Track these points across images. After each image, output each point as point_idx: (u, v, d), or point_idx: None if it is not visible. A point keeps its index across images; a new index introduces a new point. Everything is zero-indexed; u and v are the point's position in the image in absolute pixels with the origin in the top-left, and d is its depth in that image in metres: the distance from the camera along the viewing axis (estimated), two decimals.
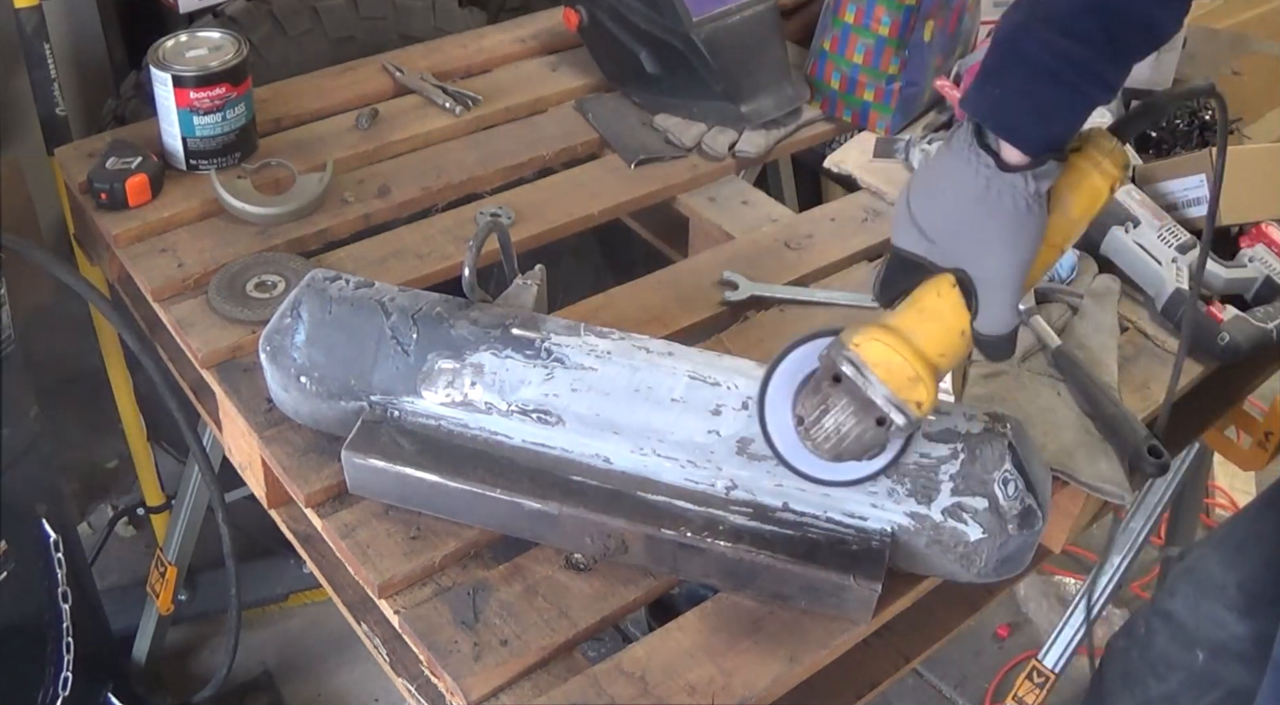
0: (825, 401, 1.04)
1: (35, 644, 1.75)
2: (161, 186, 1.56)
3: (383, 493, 1.21)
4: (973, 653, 2.38)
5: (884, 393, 1.01)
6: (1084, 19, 0.93)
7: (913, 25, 1.72)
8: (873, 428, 1.03)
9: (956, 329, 1.03)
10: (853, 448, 1.05)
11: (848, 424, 1.03)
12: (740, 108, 1.75)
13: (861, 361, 1.02)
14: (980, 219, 0.99)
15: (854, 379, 1.02)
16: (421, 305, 1.21)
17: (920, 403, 1.01)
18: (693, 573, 1.17)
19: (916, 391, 1.01)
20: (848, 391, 1.03)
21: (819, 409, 1.05)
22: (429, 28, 2.02)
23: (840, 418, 1.04)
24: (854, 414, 1.03)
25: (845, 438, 1.04)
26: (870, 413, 1.03)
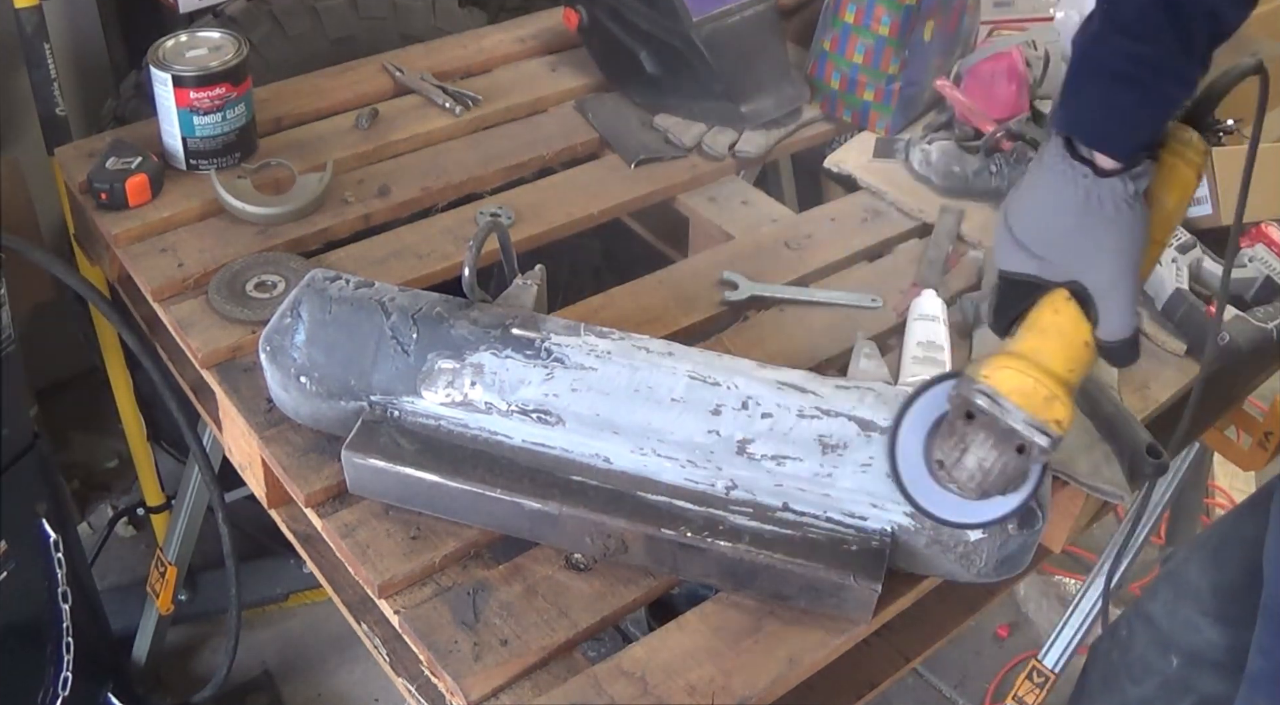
0: (963, 440, 1.03)
1: (35, 644, 1.75)
2: (161, 186, 1.56)
3: (383, 493, 1.21)
4: (973, 653, 2.38)
5: (1023, 417, 1.00)
6: (1151, 19, 0.95)
7: (913, 25, 1.72)
8: (1015, 458, 1.02)
9: (1079, 342, 1.02)
10: (998, 482, 1.03)
11: (990, 458, 1.02)
12: (740, 108, 1.75)
13: (994, 391, 1.01)
14: (1086, 228, 1.00)
15: (990, 410, 1.01)
16: (421, 305, 1.21)
17: (1059, 421, 1.00)
18: (693, 573, 1.17)
19: (1054, 410, 1.00)
20: (984, 426, 1.02)
21: (958, 449, 1.04)
22: (429, 28, 2.02)
23: (981, 454, 1.02)
24: (994, 447, 1.02)
25: (990, 473, 1.03)
26: (1010, 442, 1.01)
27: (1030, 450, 1.01)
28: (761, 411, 1.15)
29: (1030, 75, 1.75)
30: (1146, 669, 1.70)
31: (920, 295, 1.47)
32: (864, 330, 1.44)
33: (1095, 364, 1.05)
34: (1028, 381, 1.00)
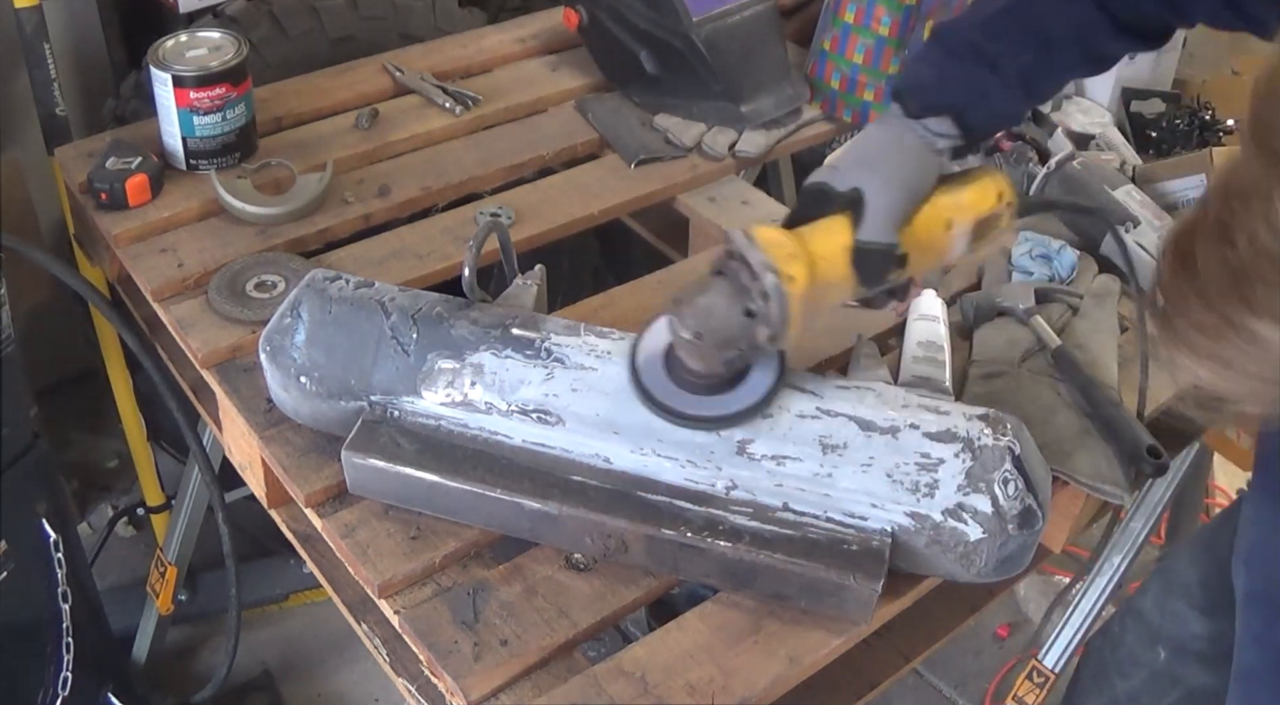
0: (704, 285, 1.08)
1: (35, 644, 1.75)
2: (161, 186, 1.56)
3: (383, 493, 1.21)
4: (973, 653, 2.38)
5: (761, 258, 1.04)
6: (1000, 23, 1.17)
7: (913, 25, 1.72)
8: (739, 317, 1.06)
9: (839, 244, 1.11)
10: (717, 330, 1.07)
11: (719, 305, 1.06)
12: (740, 108, 1.75)
13: (750, 234, 1.06)
14: (882, 150, 1.16)
15: (738, 246, 1.05)
16: (421, 305, 1.21)
17: (793, 277, 1.05)
18: (693, 573, 1.17)
19: (793, 267, 1.05)
20: (728, 277, 1.07)
21: (697, 289, 1.08)
22: (429, 28, 2.02)
23: (713, 298, 1.07)
24: (727, 296, 1.06)
25: (712, 316, 1.06)
26: (741, 300, 1.06)
27: (758, 313, 1.05)
28: (761, 411, 1.15)
29: None
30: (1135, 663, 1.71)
31: (920, 295, 1.47)
32: (864, 330, 1.44)
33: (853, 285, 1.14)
34: (780, 236, 1.08)
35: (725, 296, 1.06)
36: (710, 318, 1.06)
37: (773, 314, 1.05)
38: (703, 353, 1.09)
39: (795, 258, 1.06)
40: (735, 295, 1.06)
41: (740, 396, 1.14)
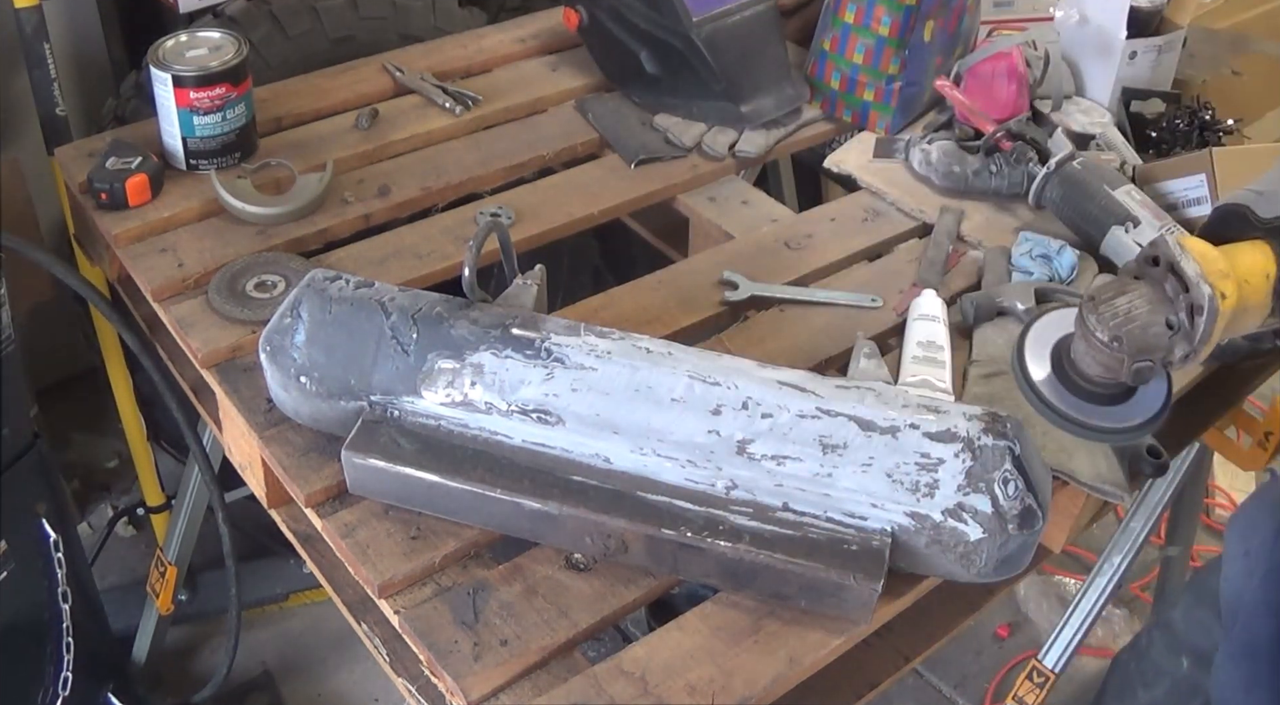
0: (1124, 286, 1.04)
1: (35, 644, 1.75)
2: (161, 186, 1.56)
3: (383, 493, 1.21)
4: (973, 653, 2.38)
5: (1197, 269, 1.00)
6: None
7: (913, 25, 1.72)
8: (1159, 325, 1.02)
9: (1262, 270, 1.06)
10: (1134, 336, 1.02)
11: (1140, 309, 1.02)
12: (740, 108, 1.75)
13: (1182, 245, 1.03)
14: None
15: (1172, 255, 1.02)
16: (421, 305, 1.21)
17: (1225, 295, 1.01)
18: (693, 573, 1.17)
19: (1224, 285, 1.01)
20: (1150, 283, 1.03)
21: (1116, 290, 1.04)
22: (429, 28, 2.02)
23: (1135, 301, 1.03)
24: (1149, 302, 1.02)
25: (1132, 321, 1.02)
26: (1163, 310, 1.02)
27: (1178, 325, 1.01)
28: (761, 411, 1.15)
29: (1030, 75, 1.75)
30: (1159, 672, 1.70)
31: (920, 295, 1.47)
32: (864, 330, 1.44)
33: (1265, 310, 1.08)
34: (1213, 252, 1.04)
35: (1148, 302, 1.02)
36: (1130, 322, 1.02)
37: (1199, 329, 1.01)
38: (1111, 359, 1.04)
39: (1227, 276, 1.02)
40: (1159, 303, 1.02)
41: (1137, 407, 1.08)
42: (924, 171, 1.70)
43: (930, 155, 1.69)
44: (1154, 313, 1.02)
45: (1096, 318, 1.03)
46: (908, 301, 1.48)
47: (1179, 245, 1.03)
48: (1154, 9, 1.80)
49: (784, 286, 1.51)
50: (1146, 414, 1.08)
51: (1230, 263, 1.04)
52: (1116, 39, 1.77)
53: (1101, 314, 1.03)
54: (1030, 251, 1.53)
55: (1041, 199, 1.60)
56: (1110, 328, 1.02)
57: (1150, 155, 1.74)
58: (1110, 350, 1.03)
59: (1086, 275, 1.53)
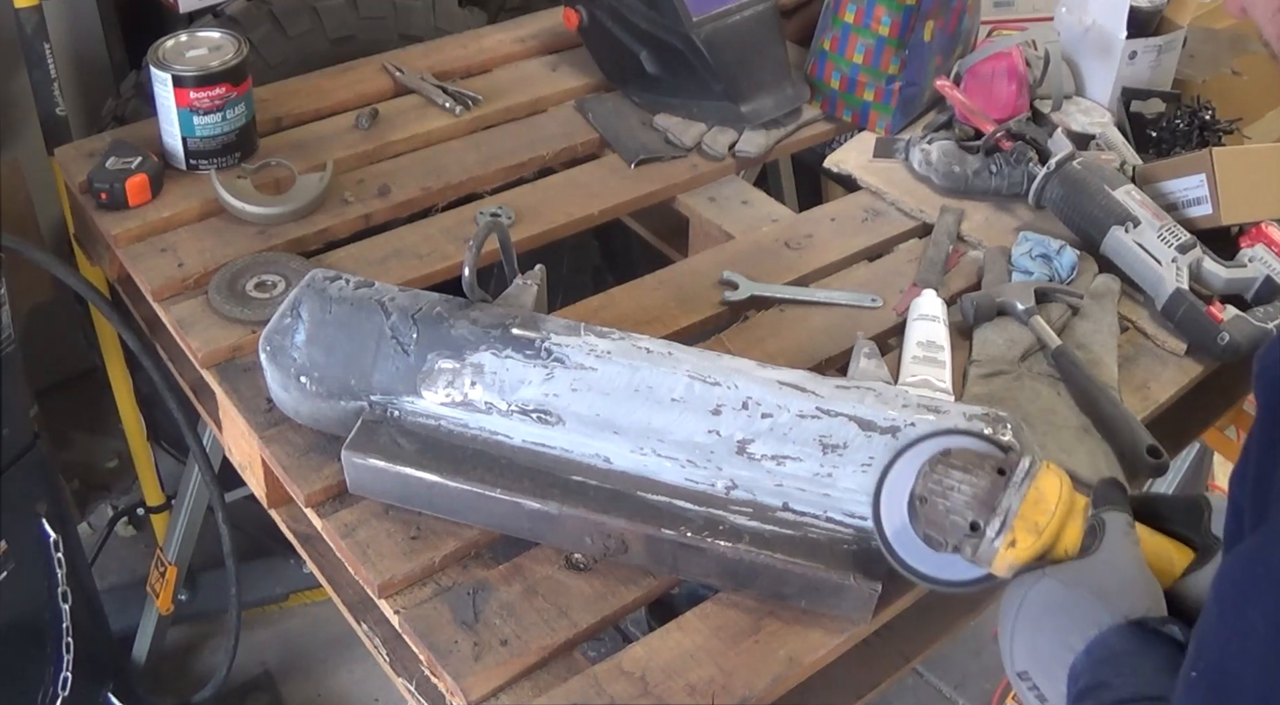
0: (974, 467, 1.01)
1: (35, 644, 1.75)
2: (161, 186, 1.56)
3: (383, 493, 1.21)
4: (973, 653, 2.38)
5: (1012, 508, 0.97)
6: None
7: (913, 25, 1.72)
8: (964, 520, 1.00)
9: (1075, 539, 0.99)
10: (936, 511, 1.01)
11: (961, 496, 1.00)
12: (740, 108, 1.75)
13: (1034, 471, 0.99)
14: None
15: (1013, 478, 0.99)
16: (421, 305, 1.21)
17: (1014, 545, 0.97)
18: (693, 573, 1.17)
19: (1025, 538, 0.97)
20: (993, 484, 1.00)
21: (965, 464, 1.01)
22: (429, 28, 2.02)
23: (963, 487, 1.00)
24: (974, 498, 0.99)
25: (945, 498, 1.00)
26: (978, 512, 0.99)
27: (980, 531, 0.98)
28: (761, 411, 1.15)
29: (1030, 75, 1.75)
30: None
31: (920, 295, 1.47)
32: (864, 330, 1.44)
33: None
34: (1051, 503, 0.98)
35: (973, 497, 0.99)
36: (944, 498, 1.00)
37: (980, 555, 0.99)
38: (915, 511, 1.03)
39: (1038, 532, 0.97)
40: (980, 504, 0.99)
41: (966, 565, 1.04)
42: (924, 171, 1.70)
43: (930, 155, 1.69)
44: (969, 507, 0.99)
45: (927, 470, 1.02)
46: (908, 301, 1.48)
47: (1029, 473, 0.99)
48: (1154, 9, 1.80)
49: (784, 286, 1.51)
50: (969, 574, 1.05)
51: (1057, 519, 0.98)
52: (1116, 39, 1.77)
53: (935, 471, 1.02)
54: (1030, 251, 1.54)
55: (1041, 199, 1.60)
56: (926, 487, 1.01)
57: (1150, 155, 1.74)
58: (914, 506, 1.03)
59: (1086, 275, 1.53)
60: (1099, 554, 0.97)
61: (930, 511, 1.01)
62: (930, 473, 1.02)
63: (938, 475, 1.01)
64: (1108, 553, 0.97)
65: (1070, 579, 0.96)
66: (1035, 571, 0.98)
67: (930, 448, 1.07)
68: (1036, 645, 0.95)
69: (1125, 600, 0.93)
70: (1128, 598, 0.93)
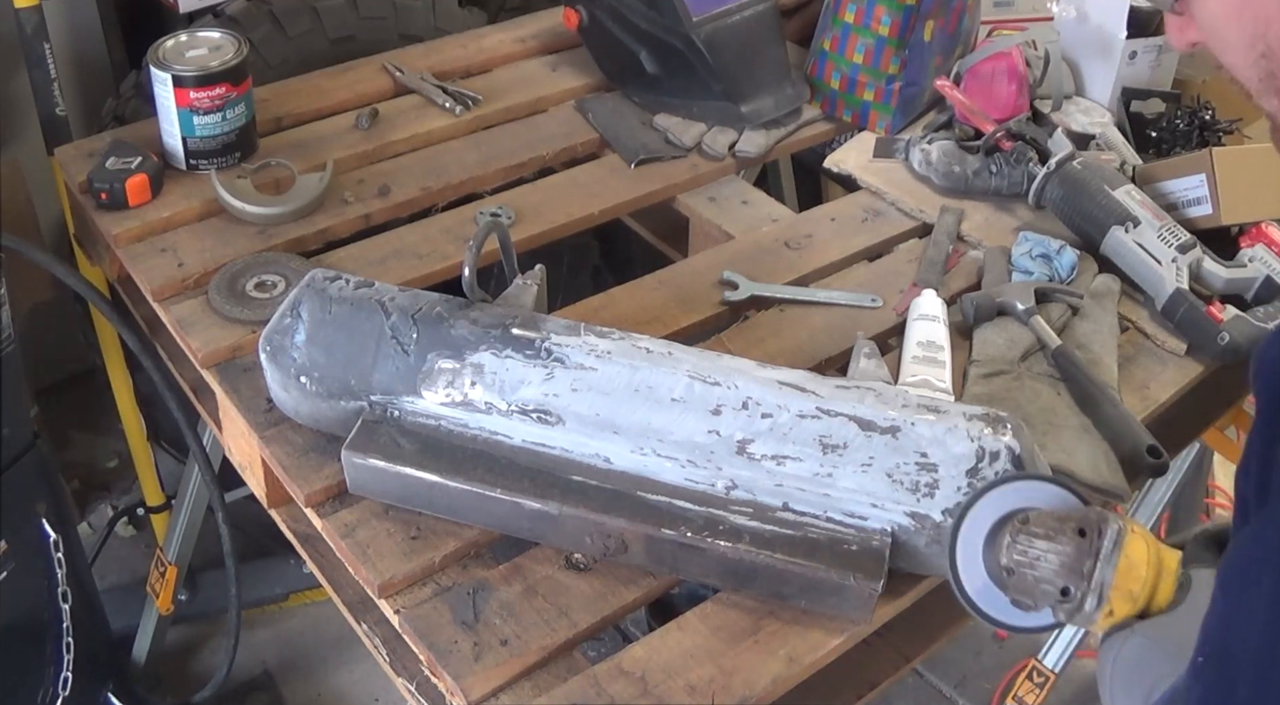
0: (1057, 533, 1.00)
1: (35, 644, 1.75)
2: (161, 186, 1.56)
3: (383, 493, 1.21)
4: (973, 653, 2.38)
5: (1106, 580, 0.98)
6: None
7: (913, 25, 1.72)
8: (1054, 587, 1.00)
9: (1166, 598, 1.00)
10: (1025, 580, 1.01)
11: (1048, 564, 1.00)
12: (740, 108, 1.75)
13: (1121, 539, 0.99)
14: None
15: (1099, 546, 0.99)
16: (421, 305, 1.21)
17: (1112, 614, 0.98)
18: (693, 573, 1.17)
19: (1122, 606, 0.98)
20: (1078, 550, 1.00)
21: (1048, 530, 1.01)
22: (429, 28, 2.02)
23: (1049, 555, 1.00)
24: (1061, 565, 0.99)
25: (1034, 569, 1.00)
26: (1068, 578, 0.99)
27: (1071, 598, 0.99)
28: (761, 411, 1.15)
29: (1030, 75, 1.75)
30: None
31: (920, 295, 1.47)
32: (864, 330, 1.44)
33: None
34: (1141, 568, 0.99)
35: (1060, 565, 0.99)
36: (1032, 568, 1.00)
37: (1077, 620, 1.00)
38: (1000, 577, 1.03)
39: (1133, 600, 0.98)
40: (1070, 571, 0.99)
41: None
42: (924, 171, 1.70)
43: (930, 155, 1.69)
44: (1058, 576, 1.00)
45: (1010, 542, 1.02)
46: (908, 301, 1.48)
47: (1116, 542, 0.99)
48: (1154, 9, 1.80)
49: (784, 286, 1.51)
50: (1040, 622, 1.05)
51: (1149, 585, 0.99)
52: (1116, 39, 1.77)
53: (1018, 543, 1.02)
54: (1030, 251, 1.53)
55: (1041, 199, 1.60)
56: (1012, 559, 1.02)
57: (1150, 155, 1.74)
58: (1001, 574, 1.03)
59: (1086, 275, 1.53)
60: (1182, 609, 0.97)
61: (1019, 582, 1.01)
62: (1014, 544, 1.01)
63: (1021, 546, 1.01)
64: (1191, 609, 0.96)
65: (1158, 636, 0.96)
66: (1126, 629, 0.98)
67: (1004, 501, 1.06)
68: (1132, 697, 0.96)
69: None
70: None
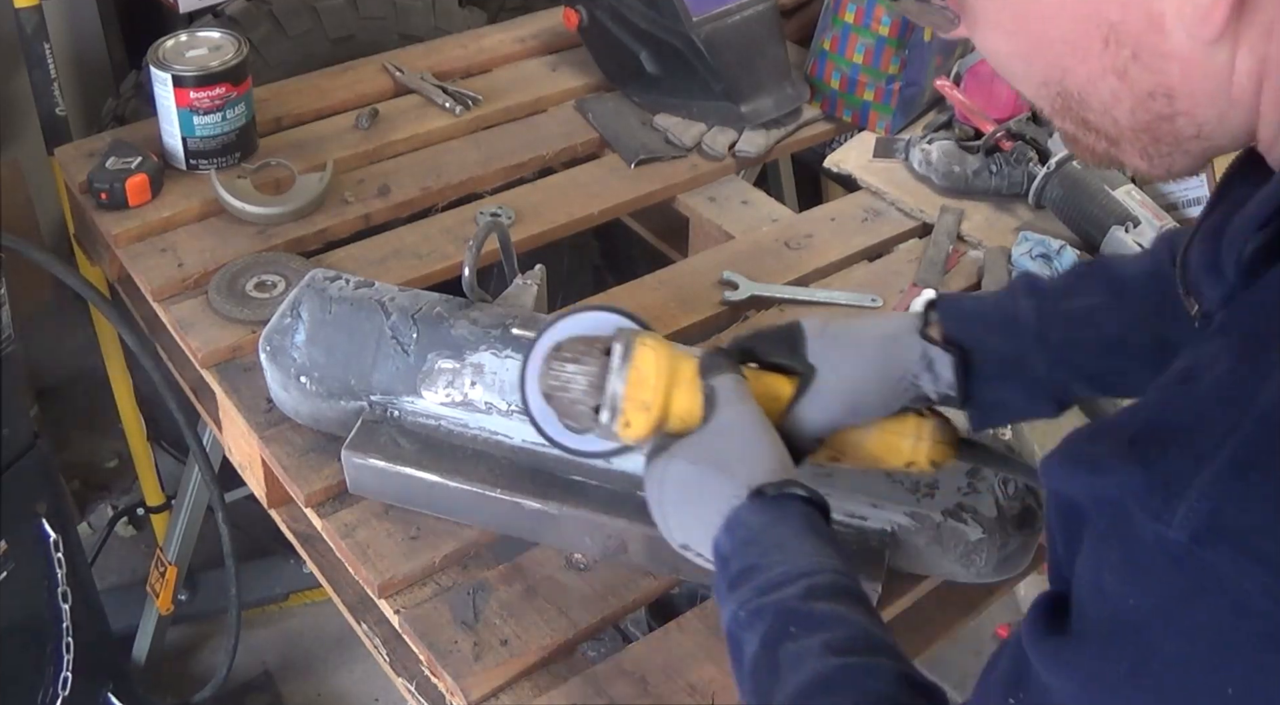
0: (582, 355, 1.02)
1: (35, 644, 1.75)
2: (161, 186, 1.56)
3: (383, 493, 1.21)
4: (973, 653, 2.38)
5: (617, 392, 0.99)
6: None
7: (912, 25, 1.72)
8: (587, 407, 1.01)
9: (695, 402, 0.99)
10: (562, 403, 1.03)
11: (578, 385, 1.02)
12: (740, 108, 1.75)
13: (630, 352, 1.00)
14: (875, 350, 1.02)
15: (613, 361, 1.00)
16: (421, 305, 1.21)
17: (629, 425, 0.99)
18: (693, 573, 1.17)
19: (638, 416, 0.99)
20: (601, 368, 1.01)
21: (575, 354, 1.03)
22: (429, 27, 2.02)
23: (578, 376, 1.02)
24: (589, 385, 1.01)
25: (567, 391, 1.02)
26: (593, 397, 1.01)
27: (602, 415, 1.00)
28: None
29: None
30: None
31: (920, 295, 1.47)
32: None
33: None
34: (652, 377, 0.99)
35: (589, 384, 1.01)
36: (565, 391, 1.02)
37: (605, 435, 1.02)
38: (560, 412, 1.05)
39: (647, 409, 0.99)
40: (596, 390, 1.01)
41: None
42: (924, 171, 1.70)
43: (930, 155, 1.69)
44: (586, 395, 1.01)
45: (544, 370, 1.04)
46: (908, 301, 1.48)
47: (625, 356, 0.99)
48: None
49: (784, 286, 1.51)
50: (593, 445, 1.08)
51: (661, 392, 0.99)
52: None
53: (551, 368, 1.03)
54: (1030, 251, 1.54)
55: (1041, 199, 1.60)
56: (548, 385, 1.03)
57: None
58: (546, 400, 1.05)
59: None
60: (713, 424, 0.96)
61: (560, 406, 1.03)
62: (549, 370, 1.04)
63: (555, 371, 1.03)
64: (721, 420, 0.96)
65: (694, 456, 0.95)
66: (666, 452, 0.97)
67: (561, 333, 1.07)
68: (686, 523, 0.96)
69: (744, 469, 0.92)
70: (746, 466, 0.92)
